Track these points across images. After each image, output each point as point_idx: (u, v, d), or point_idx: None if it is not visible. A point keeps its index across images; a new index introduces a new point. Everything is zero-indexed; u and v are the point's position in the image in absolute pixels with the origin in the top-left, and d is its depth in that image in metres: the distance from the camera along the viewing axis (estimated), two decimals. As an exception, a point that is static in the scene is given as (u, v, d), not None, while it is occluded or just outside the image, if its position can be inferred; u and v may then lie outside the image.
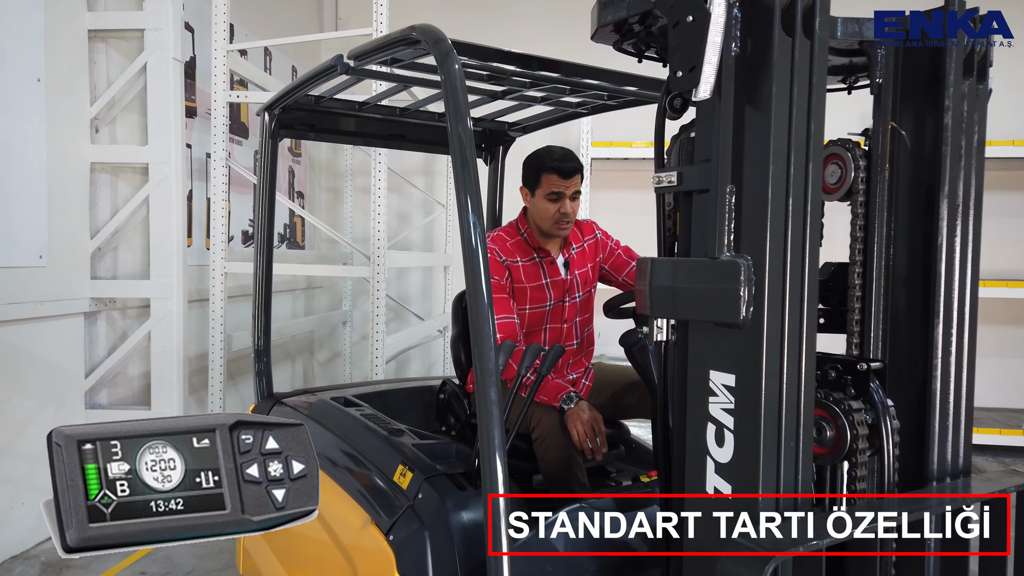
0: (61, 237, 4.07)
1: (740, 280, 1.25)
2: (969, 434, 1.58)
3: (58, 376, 4.17)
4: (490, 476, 1.49)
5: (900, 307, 1.61)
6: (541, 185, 2.42)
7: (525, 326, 2.44)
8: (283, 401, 2.69)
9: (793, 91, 1.26)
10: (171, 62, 4.25)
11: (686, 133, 1.48)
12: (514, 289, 2.41)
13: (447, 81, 1.66)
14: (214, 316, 4.49)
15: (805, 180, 1.29)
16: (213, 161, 4.47)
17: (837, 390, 1.47)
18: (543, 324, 2.46)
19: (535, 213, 2.47)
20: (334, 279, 7.20)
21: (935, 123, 1.54)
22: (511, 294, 2.41)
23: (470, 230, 1.55)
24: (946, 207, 1.53)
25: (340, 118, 2.78)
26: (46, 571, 3.74)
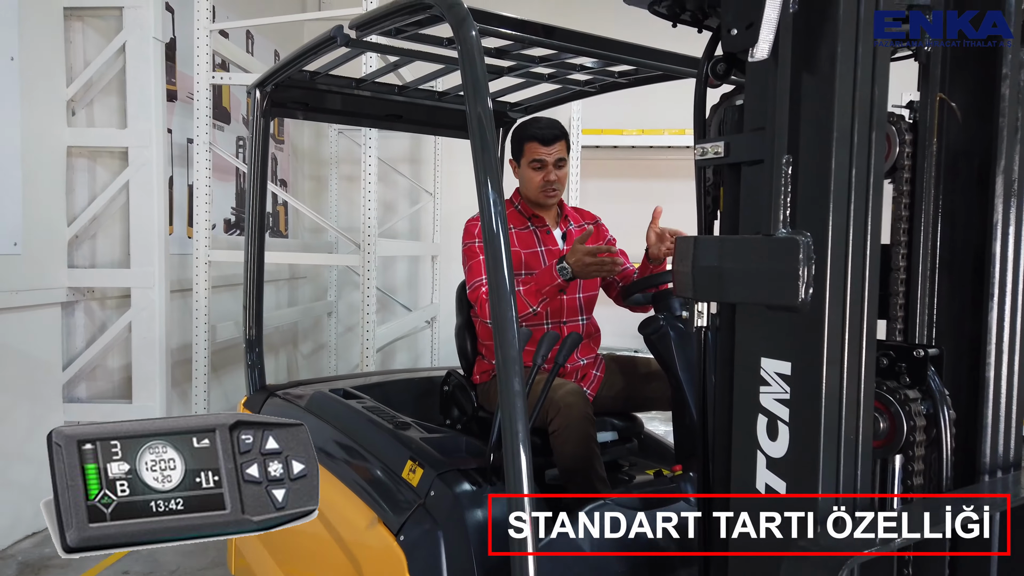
0: (37, 224, 3.89)
1: (799, 259, 1.14)
2: (1020, 426, 1.49)
3: (34, 369, 3.99)
4: (515, 473, 1.38)
5: (947, 291, 1.52)
6: (525, 154, 2.42)
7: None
8: (277, 394, 2.55)
9: (858, 52, 1.15)
10: (151, 42, 4.07)
11: (730, 101, 1.37)
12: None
13: (464, 51, 1.53)
14: (198, 306, 4.33)
15: (869, 150, 1.18)
16: (196, 146, 4.30)
17: (890, 379, 1.37)
18: None
19: (523, 184, 2.47)
20: (318, 269, 7.04)
21: (989, 93, 1.45)
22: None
23: (491, 212, 1.44)
24: (1001, 184, 1.43)
25: (335, 96, 2.64)
26: (24, 571, 3.59)
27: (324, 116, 2.80)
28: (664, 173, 6.39)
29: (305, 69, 2.46)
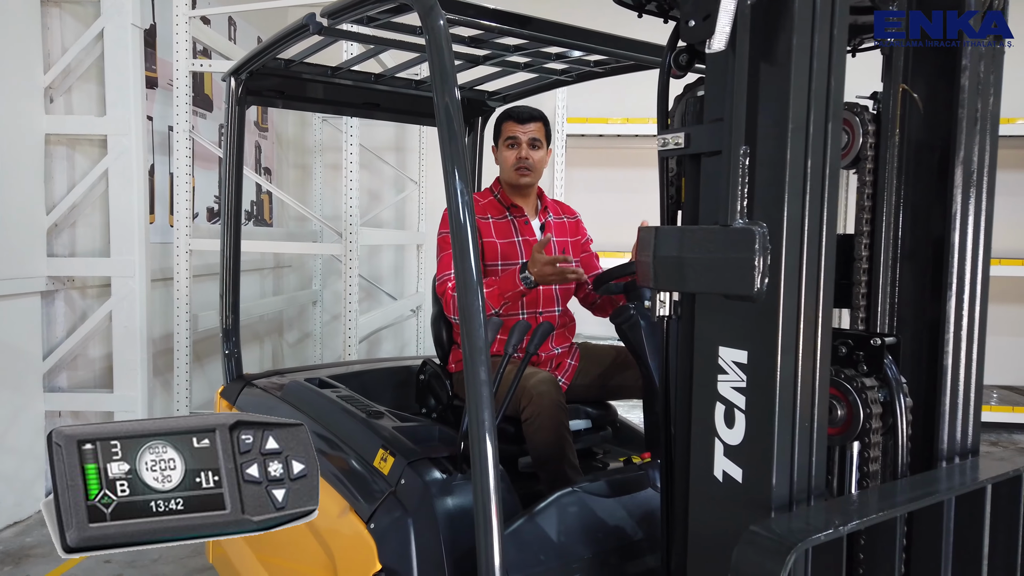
0: (13, 212, 3.87)
1: (755, 249, 1.15)
2: (978, 412, 1.51)
3: (13, 358, 3.97)
4: (480, 460, 1.39)
5: (908, 280, 1.54)
6: (502, 134, 2.46)
7: None
8: (254, 383, 2.56)
9: (814, 44, 1.16)
10: (130, 28, 4.04)
11: (692, 92, 1.38)
12: (484, 245, 2.37)
13: (431, 40, 1.53)
14: (179, 295, 4.32)
15: (825, 141, 1.19)
16: (176, 133, 4.27)
17: (848, 367, 1.39)
18: None
19: (500, 167, 2.49)
20: (303, 258, 7.03)
21: (950, 85, 1.46)
22: (481, 252, 2.34)
23: (458, 203, 1.44)
24: (960, 175, 1.45)
25: (311, 84, 2.64)
26: (5, 560, 3.58)
27: (301, 104, 2.79)
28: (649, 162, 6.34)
29: (280, 57, 2.45)
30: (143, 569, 3.52)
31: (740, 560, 1.06)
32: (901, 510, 1.16)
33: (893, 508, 1.14)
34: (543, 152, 2.43)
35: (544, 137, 2.42)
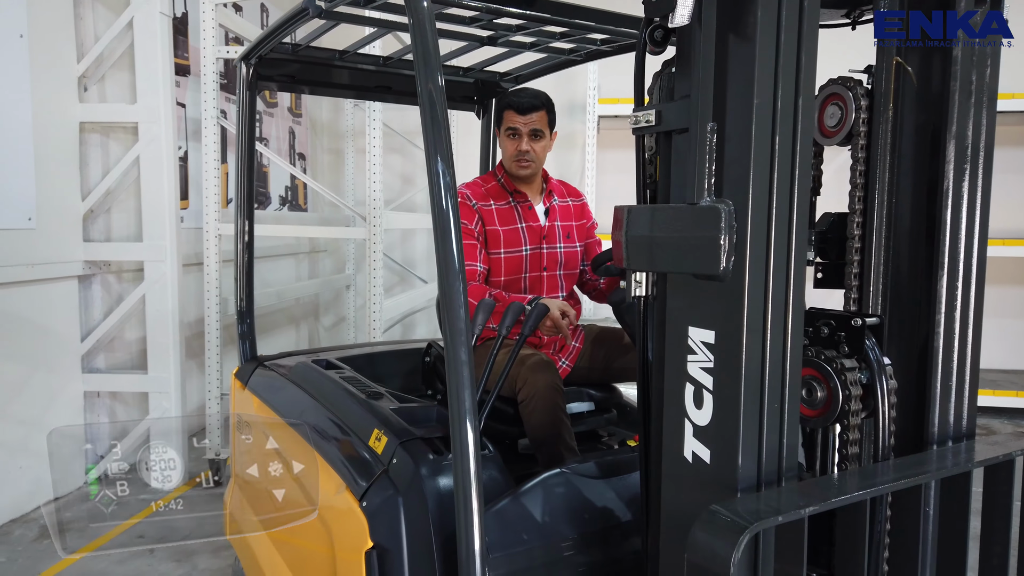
0: (50, 198, 3.99)
1: (720, 227, 1.14)
2: (974, 395, 1.47)
3: (53, 340, 4.12)
4: (461, 440, 1.40)
5: (902, 260, 1.49)
6: (503, 122, 2.42)
7: (504, 273, 2.36)
8: (266, 364, 2.61)
9: (781, 17, 1.13)
10: (158, 16, 4.12)
11: (668, 69, 1.36)
12: (487, 233, 2.35)
13: (415, 22, 1.52)
14: (209, 279, 4.41)
15: (794, 117, 1.16)
16: (203, 120, 4.35)
17: (830, 348, 1.36)
18: (522, 271, 2.38)
19: (502, 152, 2.47)
20: (338, 242, 7.12)
21: (944, 57, 1.41)
22: (484, 239, 2.35)
23: (440, 190, 1.45)
24: (953, 150, 1.40)
25: (321, 68, 2.66)
26: (44, 534, 3.73)
27: (311, 88, 2.81)
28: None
29: (287, 42, 2.47)
30: (174, 546, 3.63)
31: (695, 540, 1.05)
32: (866, 494, 1.13)
33: (856, 492, 1.12)
34: (546, 140, 2.39)
35: (547, 125, 2.38)
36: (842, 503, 1.11)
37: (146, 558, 3.48)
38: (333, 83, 2.73)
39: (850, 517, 1.21)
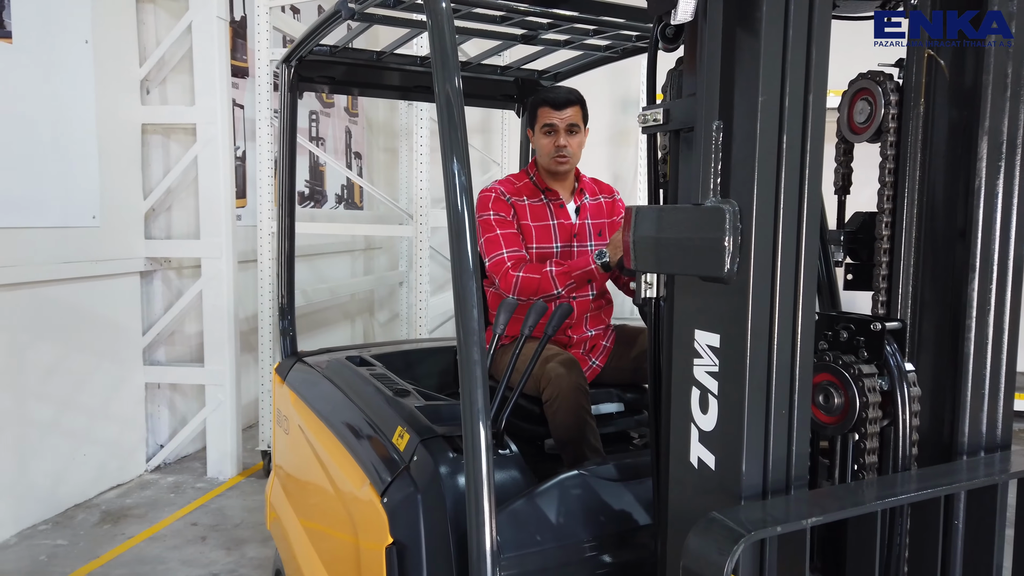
0: (113, 197, 4.16)
1: (725, 229, 1.10)
2: (1009, 404, 1.39)
3: (116, 333, 4.30)
4: (473, 441, 1.40)
5: (932, 261, 1.43)
6: (538, 119, 2.41)
7: None
8: (304, 360, 2.66)
9: (789, 9, 1.09)
10: (215, 20, 4.24)
11: (679, 66, 1.33)
12: (520, 227, 2.36)
13: (433, 23, 1.53)
14: (262, 276, 4.53)
15: (803, 115, 1.12)
16: (258, 121, 4.47)
17: (849, 353, 1.31)
18: None
19: (537, 151, 2.45)
20: (392, 240, 7.21)
21: (976, 50, 1.34)
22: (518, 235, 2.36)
23: (456, 191, 1.44)
24: (986, 146, 1.33)
25: (360, 69, 2.69)
26: (105, 519, 3.90)
27: (351, 89, 2.85)
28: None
29: (326, 44, 2.52)
30: (224, 533, 3.75)
31: (691, 548, 1.03)
32: (874, 506, 1.09)
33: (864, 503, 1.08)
34: (581, 136, 2.39)
35: (581, 120, 2.38)
36: (847, 515, 1.06)
37: (197, 545, 3.60)
38: (373, 83, 2.77)
39: (862, 529, 1.17)
